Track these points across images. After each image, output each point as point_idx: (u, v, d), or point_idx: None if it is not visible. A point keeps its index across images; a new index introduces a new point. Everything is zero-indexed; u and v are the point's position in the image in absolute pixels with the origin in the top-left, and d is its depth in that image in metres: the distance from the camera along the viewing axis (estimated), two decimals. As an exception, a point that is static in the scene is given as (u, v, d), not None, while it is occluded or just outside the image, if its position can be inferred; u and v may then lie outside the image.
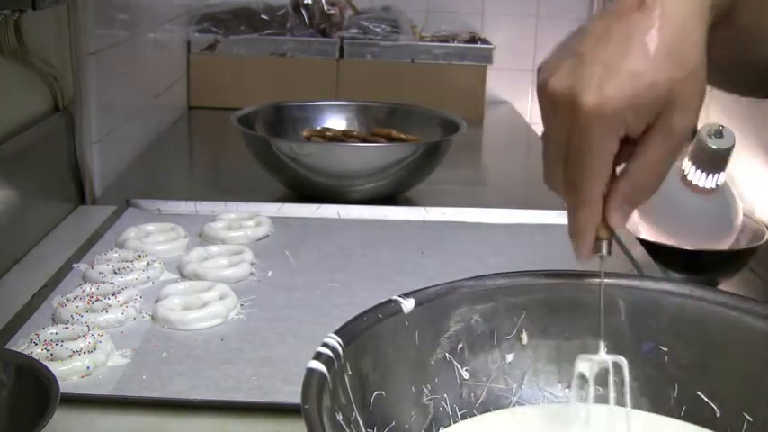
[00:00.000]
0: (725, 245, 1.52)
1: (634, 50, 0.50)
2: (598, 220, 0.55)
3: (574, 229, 0.56)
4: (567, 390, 0.61)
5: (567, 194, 0.55)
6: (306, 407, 0.45)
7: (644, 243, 1.19)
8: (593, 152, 0.51)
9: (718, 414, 0.56)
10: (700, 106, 0.52)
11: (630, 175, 0.53)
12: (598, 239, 0.56)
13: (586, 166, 0.52)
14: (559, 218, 1.13)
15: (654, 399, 0.59)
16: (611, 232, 0.56)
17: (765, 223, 1.57)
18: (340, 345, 0.51)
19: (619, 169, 0.55)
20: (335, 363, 0.50)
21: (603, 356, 0.55)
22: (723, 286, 1.49)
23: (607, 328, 0.61)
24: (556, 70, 0.52)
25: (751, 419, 0.55)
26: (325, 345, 0.51)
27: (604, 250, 0.56)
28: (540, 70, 0.54)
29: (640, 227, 1.51)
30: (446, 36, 1.97)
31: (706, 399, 0.57)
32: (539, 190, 1.58)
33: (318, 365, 0.49)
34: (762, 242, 1.52)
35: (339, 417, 0.48)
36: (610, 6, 0.53)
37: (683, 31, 0.51)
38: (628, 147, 0.53)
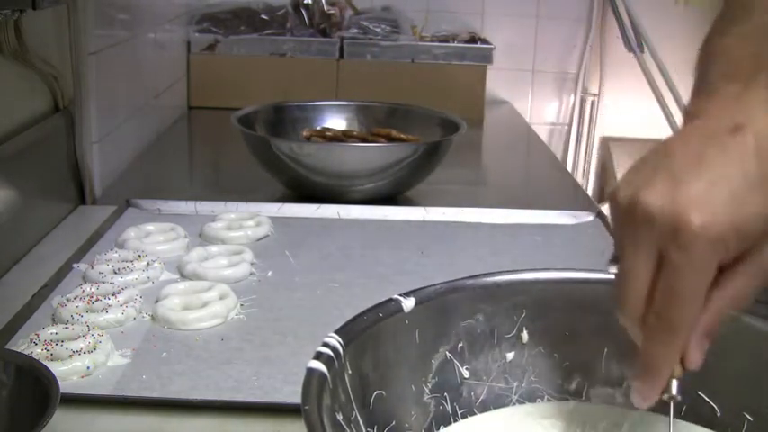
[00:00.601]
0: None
1: (735, 176, 0.46)
2: (679, 356, 0.49)
3: (648, 364, 0.49)
4: (566, 389, 0.61)
5: (647, 327, 0.48)
6: (306, 407, 0.45)
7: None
8: (694, 273, 0.46)
9: (718, 414, 0.56)
10: None
11: (716, 306, 0.48)
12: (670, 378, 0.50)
13: (683, 288, 0.46)
14: (559, 218, 1.13)
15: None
16: (684, 371, 0.50)
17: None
18: (340, 344, 0.51)
19: None
20: (336, 362, 0.50)
21: None
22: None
23: (607, 327, 0.61)
24: (646, 186, 0.47)
25: (751, 419, 0.55)
26: (326, 344, 0.51)
27: (674, 390, 0.50)
28: (620, 189, 0.49)
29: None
30: (446, 36, 1.97)
31: (706, 398, 0.57)
32: (539, 190, 1.59)
33: (318, 365, 0.49)
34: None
35: (339, 416, 0.48)
36: (696, 127, 0.49)
37: None
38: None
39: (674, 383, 0.50)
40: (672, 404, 0.50)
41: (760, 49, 0.51)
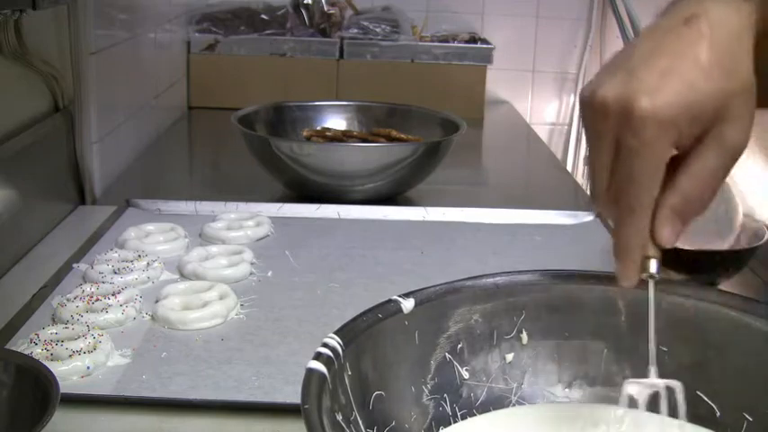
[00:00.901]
0: (725, 245, 1.52)
1: (686, 62, 0.49)
2: (646, 235, 0.51)
3: (619, 246, 0.52)
4: (566, 389, 0.61)
5: (613, 208, 0.52)
6: (306, 407, 0.45)
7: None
8: (646, 155, 0.49)
9: (718, 414, 0.56)
10: (752, 119, 0.51)
11: (680, 186, 0.51)
12: (646, 258, 0.52)
13: (637, 171, 0.50)
14: (559, 218, 1.13)
15: (654, 399, 0.59)
16: (660, 251, 0.52)
17: (765, 223, 1.57)
18: (340, 345, 0.51)
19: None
20: (335, 363, 0.50)
21: (654, 380, 0.53)
22: (723, 286, 1.49)
23: (607, 328, 0.61)
24: (604, 82, 0.51)
25: (751, 419, 0.55)
26: (325, 345, 0.51)
27: (653, 268, 0.52)
28: (583, 89, 0.52)
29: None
30: (446, 36, 1.97)
31: (706, 398, 0.57)
32: (539, 190, 1.59)
33: (318, 365, 0.49)
34: (762, 242, 1.52)
35: (339, 417, 0.48)
36: (655, 24, 0.52)
37: (731, 45, 0.50)
38: (675, 165, 0.51)
39: (653, 263, 0.52)
40: (651, 283, 0.52)
41: None
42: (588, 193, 0.54)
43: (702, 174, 0.51)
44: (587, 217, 1.14)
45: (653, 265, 0.52)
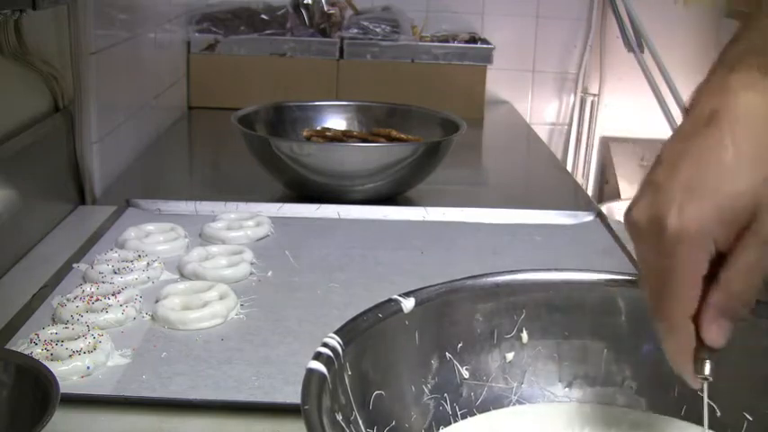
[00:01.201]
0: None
1: (711, 168, 0.49)
2: (691, 344, 0.51)
3: (670, 357, 0.53)
4: (566, 389, 0.61)
5: (659, 322, 0.52)
6: (305, 407, 0.45)
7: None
8: (681, 273, 0.49)
9: (718, 414, 0.56)
10: None
11: (724, 284, 0.50)
12: (700, 360, 0.52)
13: (672, 290, 0.50)
14: (559, 218, 1.13)
15: (654, 398, 0.59)
16: (711, 351, 0.52)
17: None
18: (340, 345, 0.51)
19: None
20: (335, 362, 0.50)
21: None
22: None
23: (607, 328, 0.61)
24: (637, 201, 0.51)
25: (751, 419, 0.55)
26: (325, 345, 0.51)
27: (706, 371, 0.52)
28: (627, 208, 0.53)
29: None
30: (446, 36, 1.97)
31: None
32: (539, 190, 1.59)
33: (318, 365, 0.49)
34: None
35: (339, 416, 0.48)
36: (681, 126, 0.52)
37: (758, 133, 0.49)
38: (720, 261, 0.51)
39: (707, 364, 0.52)
40: (705, 384, 0.52)
41: (755, 42, 0.53)
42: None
43: (745, 269, 0.50)
44: (587, 217, 1.14)
45: (707, 368, 0.52)
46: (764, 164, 0.49)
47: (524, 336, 0.60)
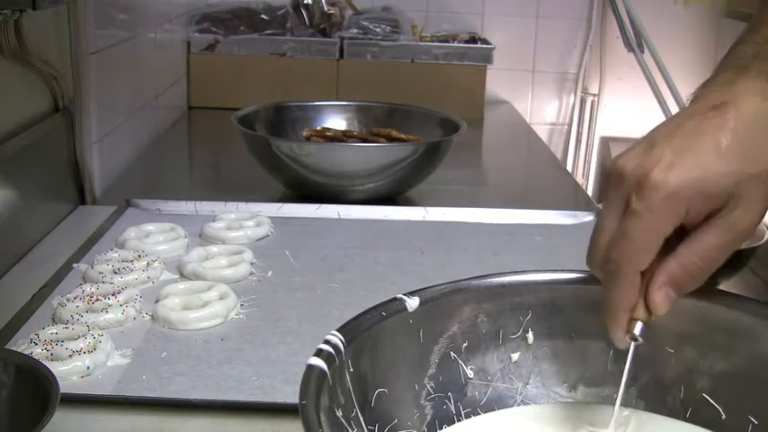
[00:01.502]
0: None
1: (706, 143, 0.51)
2: (633, 300, 0.53)
3: (606, 306, 0.53)
4: (572, 390, 0.61)
5: (605, 271, 0.53)
6: (303, 402, 0.45)
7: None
8: (647, 220, 0.51)
9: (723, 416, 0.56)
10: (765, 207, 0.52)
11: (681, 257, 0.52)
12: (633, 320, 0.53)
13: (635, 232, 0.51)
14: (559, 218, 1.13)
15: (659, 400, 0.59)
16: (648, 315, 0.53)
17: (765, 223, 1.57)
18: (342, 342, 0.51)
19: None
20: (336, 360, 0.50)
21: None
22: (723, 286, 1.49)
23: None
24: (626, 153, 0.53)
25: (756, 422, 0.55)
26: (327, 342, 0.51)
27: (638, 330, 0.52)
28: (611, 159, 0.55)
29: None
30: (446, 36, 1.97)
31: (711, 401, 0.57)
32: (539, 190, 1.58)
33: (318, 362, 0.49)
34: (762, 242, 1.52)
35: (339, 413, 0.48)
36: (686, 109, 0.54)
37: (756, 134, 0.52)
38: (680, 238, 0.52)
39: (639, 325, 0.52)
40: (632, 345, 0.53)
41: (763, 46, 0.55)
42: (587, 252, 0.55)
43: (705, 250, 0.52)
44: (587, 217, 1.14)
45: (638, 328, 0.52)
46: (753, 163, 0.51)
47: (530, 336, 0.60)
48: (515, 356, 0.60)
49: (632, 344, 0.53)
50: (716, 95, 0.53)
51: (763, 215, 0.52)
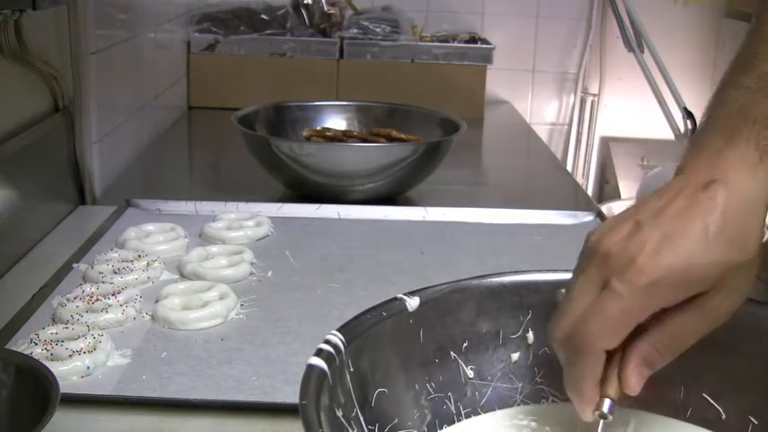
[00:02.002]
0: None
1: (695, 229, 0.49)
2: (598, 377, 0.51)
3: (572, 383, 0.52)
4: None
5: (568, 345, 0.51)
6: (303, 402, 0.45)
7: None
8: (626, 303, 0.49)
9: (723, 416, 0.56)
10: (746, 293, 0.52)
11: (654, 339, 0.51)
12: (602, 397, 0.51)
13: (611, 312, 0.49)
14: (559, 218, 1.13)
15: (660, 400, 0.59)
16: (619, 395, 0.51)
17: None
18: (342, 342, 0.51)
19: None
20: (336, 359, 0.50)
21: None
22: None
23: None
24: (611, 231, 0.51)
25: (756, 422, 0.55)
26: (327, 342, 0.51)
27: (606, 409, 0.51)
28: (591, 233, 0.52)
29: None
30: (446, 36, 1.97)
31: (712, 401, 0.57)
32: (539, 190, 1.58)
33: (318, 362, 0.49)
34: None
35: (339, 413, 0.48)
36: (674, 182, 0.52)
37: (745, 219, 0.50)
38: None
39: (606, 402, 0.51)
40: (601, 423, 0.51)
41: (750, 100, 0.53)
42: (550, 323, 0.53)
43: (679, 334, 0.51)
44: (587, 217, 1.14)
45: (606, 405, 0.51)
46: (741, 250, 0.50)
47: (530, 336, 0.60)
48: (515, 356, 0.60)
49: (601, 422, 0.51)
50: (705, 170, 0.51)
51: (741, 302, 0.51)
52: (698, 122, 0.59)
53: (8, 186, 0.93)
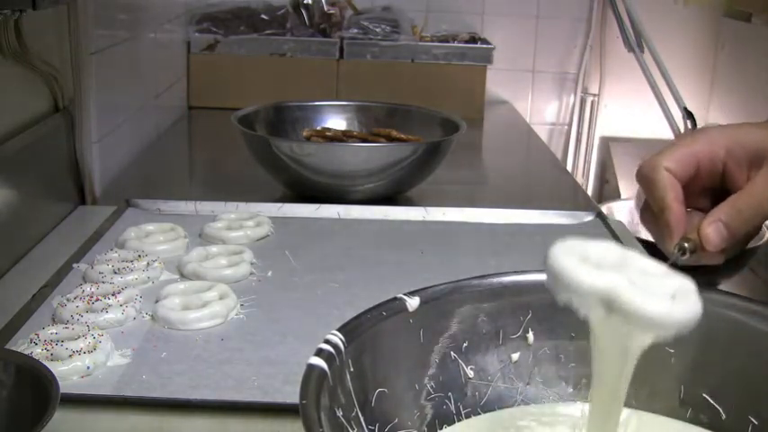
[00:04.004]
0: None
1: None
2: (675, 198, 0.59)
3: (661, 229, 0.60)
4: (572, 390, 0.61)
5: (639, 177, 0.61)
6: (303, 401, 0.45)
7: (644, 243, 1.19)
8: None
9: (723, 417, 0.56)
10: None
11: (731, 200, 0.58)
12: (684, 239, 0.58)
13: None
14: (559, 218, 1.13)
15: (660, 400, 0.59)
16: (697, 246, 0.58)
17: (765, 223, 1.57)
18: (342, 342, 0.51)
19: None
20: (337, 359, 0.50)
21: None
22: (723, 286, 1.49)
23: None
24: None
25: (756, 422, 0.55)
26: (328, 341, 0.51)
27: (687, 245, 0.58)
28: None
29: (640, 227, 1.51)
30: (446, 36, 1.97)
31: (711, 401, 0.57)
32: (539, 190, 1.59)
33: (319, 362, 0.48)
34: (762, 242, 1.52)
35: (339, 413, 0.48)
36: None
37: None
38: None
39: (687, 244, 0.58)
40: (678, 254, 0.58)
41: None
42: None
43: (754, 194, 0.58)
44: (587, 217, 1.14)
45: (687, 244, 0.58)
46: None
47: (530, 336, 0.60)
48: (515, 356, 0.60)
49: (679, 256, 0.58)
50: None
51: None
52: (698, 123, 0.68)
53: (8, 186, 0.93)
